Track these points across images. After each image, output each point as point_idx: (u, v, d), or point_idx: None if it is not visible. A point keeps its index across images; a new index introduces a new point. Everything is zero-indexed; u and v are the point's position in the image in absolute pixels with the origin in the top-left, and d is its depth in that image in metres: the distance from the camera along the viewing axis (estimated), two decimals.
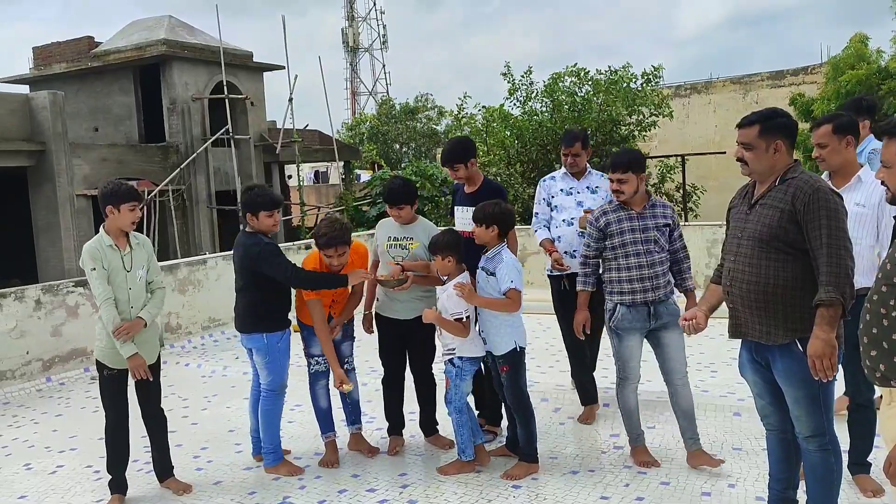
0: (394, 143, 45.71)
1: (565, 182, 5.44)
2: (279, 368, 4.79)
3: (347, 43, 66.70)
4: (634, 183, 4.41)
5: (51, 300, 7.56)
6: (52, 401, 6.92)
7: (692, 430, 4.49)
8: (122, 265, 4.36)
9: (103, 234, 4.38)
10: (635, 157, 4.50)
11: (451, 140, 5.38)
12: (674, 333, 4.44)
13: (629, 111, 16.97)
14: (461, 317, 4.46)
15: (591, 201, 5.32)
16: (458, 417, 4.58)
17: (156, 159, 21.16)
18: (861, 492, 4.00)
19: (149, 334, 4.49)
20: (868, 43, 17.95)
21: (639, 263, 4.42)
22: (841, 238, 3.12)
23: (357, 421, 5.16)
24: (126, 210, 4.34)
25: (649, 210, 4.48)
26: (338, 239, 4.62)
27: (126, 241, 4.43)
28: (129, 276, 4.38)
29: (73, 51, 22.86)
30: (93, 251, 4.30)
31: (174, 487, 4.68)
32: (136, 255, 4.44)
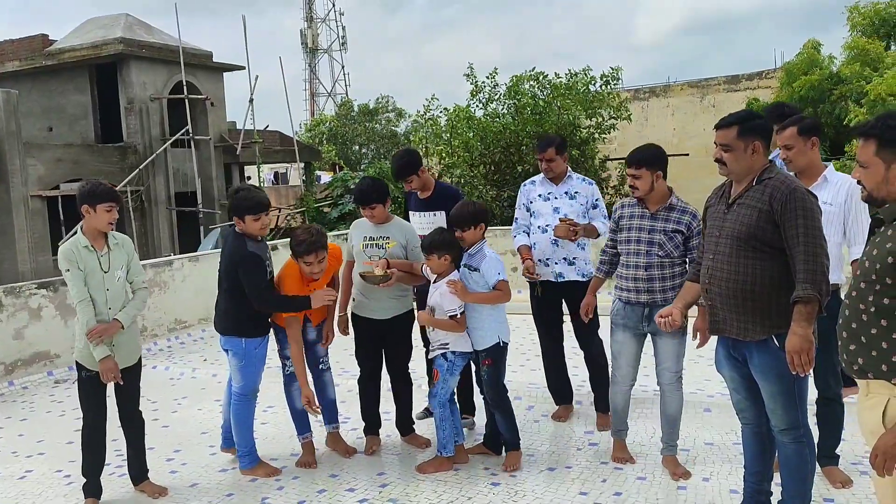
0: (353, 145, 45.56)
1: (544, 187, 5.33)
2: (252, 374, 4.76)
3: (306, 44, 66.31)
4: (648, 179, 4.25)
5: (13, 302, 7.40)
6: (16, 405, 6.77)
7: (670, 435, 4.47)
8: (98, 266, 4.27)
9: (80, 234, 4.29)
10: (651, 153, 4.30)
11: (396, 155, 5.32)
12: (666, 339, 4.34)
13: (588, 114, 17.16)
14: (456, 313, 4.48)
15: (569, 207, 5.21)
16: (442, 412, 4.60)
17: (113, 160, 20.80)
18: (831, 483, 4.13)
19: (127, 336, 4.41)
20: (820, 49, 18.46)
21: (636, 263, 4.37)
22: (816, 237, 3.23)
23: (334, 420, 5.16)
24: (102, 210, 4.25)
25: (663, 213, 4.33)
26: (317, 244, 4.58)
27: (104, 242, 4.34)
28: (107, 277, 4.29)
29: (27, 49, 22.37)
30: (67, 252, 4.23)
31: (149, 491, 4.60)
32: (114, 256, 4.35)
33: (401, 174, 5.14)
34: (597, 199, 5.32)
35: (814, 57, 18.04)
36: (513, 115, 17.08)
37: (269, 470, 4.80)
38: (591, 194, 5.31)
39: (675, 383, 4.42)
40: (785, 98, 18.17)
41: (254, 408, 4.86)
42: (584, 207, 5.25)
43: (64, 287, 7.83)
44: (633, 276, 4.39)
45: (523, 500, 4.24)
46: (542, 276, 5.24)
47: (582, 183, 5.34)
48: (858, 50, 16.98)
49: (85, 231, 4.30)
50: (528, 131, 16.12)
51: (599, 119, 17.58)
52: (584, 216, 5.22)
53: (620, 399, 4.63)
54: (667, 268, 4.33)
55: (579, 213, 5.21)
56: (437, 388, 4.63)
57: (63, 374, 7.67)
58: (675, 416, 4.44)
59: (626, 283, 4.44)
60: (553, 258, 5.21)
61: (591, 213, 5.27)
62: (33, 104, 22.03)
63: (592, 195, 5.31)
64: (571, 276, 5.21)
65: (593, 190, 5.34)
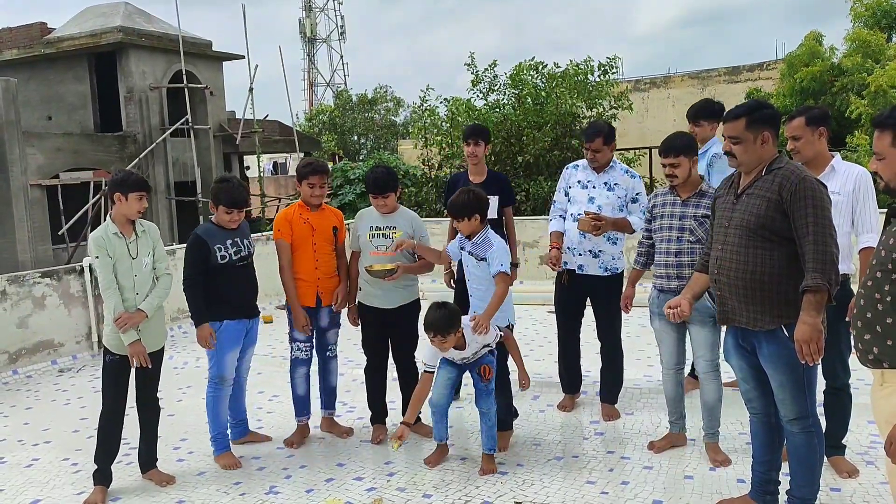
0: (352, 135, 45.43)
1: (585, 174, 5.22)
2: (217, 360, 4.80)
3: (305, 34, 66.03)
4: (686, 166, 4.34)
5: (17, 291, 7.39)
6: (20, 394, 6.77)
7: (709, 423, 4.48)
8: (127, 252, 4.38)
9: (109, 222, 4.41)
10: (686, 141, 4.40)
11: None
12: (698, 328, 4.36)
13: (589, 104, 17.10)
14: (497, 339, 4.49)
15: (605, 199, 5.09)
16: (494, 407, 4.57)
17: (112, 149, 20.74)
18: (837, 473, 4.15)
19: (154, 321, 4.48)
20: (822, 41, 18.39)
21: (667, 250, 4.44)
22: (826, 226, 3.24)
23: (331, 406, 5.28)
24: (134, 199, 4.37)
25: (694, 199, 4.39)
26: (321, 168, 4.94)
27: (132, 229, 4.45)
28: (135, 264, 4.40)
29: (25, 37, 22.25)
30: (98, 239, 4.34)
31: (157, 479, 4.64)
32: (141, 243, 4.45)
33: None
34: (638, 192, 5.15)
35: (815, 48, 17.97)
36: (514, 106, 17.03)
37: (229, 461, 4.81)
38: (632, 188, 5.14)
39: (711, 372, 4.43)
40: (786, 89, 18.14)
41: (223, 396, 4.87)
42: (623, 201, 5.12)
43: (67, 276, 7.84)
44: (665, 263, 4.46)
45: (531, 489, 4.25)
46: (568, 264, 5.21)
47: (624, 175, 5.18)
48: (860, 42, 16.93)
49: (114, 218, 4.41)
50: (530, 121, 16.08)
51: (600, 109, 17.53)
52: (620, 209, 5.10)
53: (669, 385, 4.65)
54: (697, 254, 4.32)
55: (616, 205, 5.09)
56: (492, 384, 4.52)
57: (67, 362, 7.68)
58: (712, 404, 4.45)
59: (659, 269, 4.51)
60: (578, 248, 5.14)
61: (630, 206, 5.14)
62: (32, 93, 21.93)
63: (633, 189, 5.14)
64: (592, 270, 5.14)
65: (635, 183, 5.16)
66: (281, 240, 4.95)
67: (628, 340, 7.28)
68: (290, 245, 4.95)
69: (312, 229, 4.95)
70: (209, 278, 4.69)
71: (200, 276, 4.68)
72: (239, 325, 4.81)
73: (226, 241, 4.74)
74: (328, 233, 4.99)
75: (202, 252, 4.68)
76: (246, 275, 4.84)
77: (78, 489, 4.59)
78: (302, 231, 4.94)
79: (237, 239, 4.80)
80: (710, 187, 4.42)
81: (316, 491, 4.39)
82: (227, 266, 4.73)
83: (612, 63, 17.04)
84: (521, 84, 16.72)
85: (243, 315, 4.83)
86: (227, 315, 4.75)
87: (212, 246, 4.69)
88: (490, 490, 4.25)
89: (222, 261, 4.71)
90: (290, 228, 4.95)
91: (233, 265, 4.75)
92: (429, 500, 4.19)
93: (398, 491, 4.32)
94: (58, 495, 4.53)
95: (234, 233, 4.80)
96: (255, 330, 5.00)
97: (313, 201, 4.97)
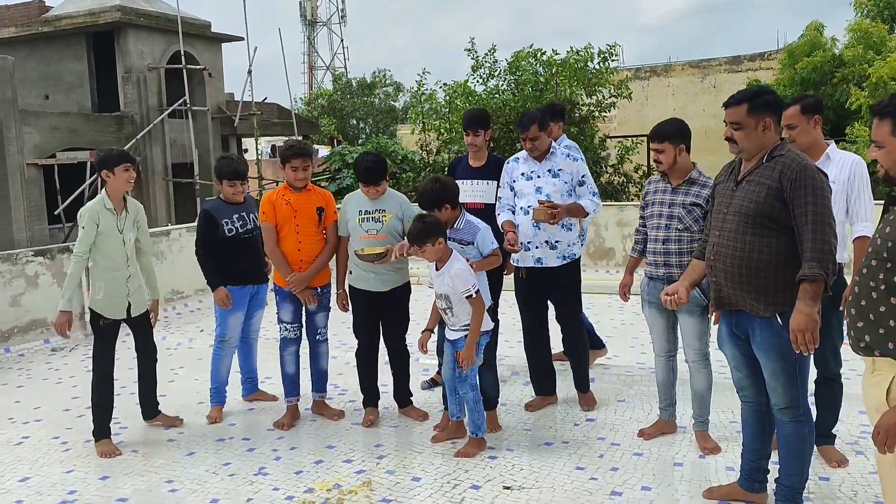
0: (350, 118, 45.27)
1: (527, 165, 5.04)
2: (220, 321, 5.25)
3: (305, 16, 65.69)
4: (671, 153, 4.28)
5: (10, 269, 7.36)
6: (13, 372, 6.76)
7: (699, 411, 4.46)
8: (115, 227, 4.74)
9: (104, 196, 4.75)
10: (673, 127, 4.33)
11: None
12: (686, 317, 4.32)
13: (588, 92, 17.03)
14: (471, 293, 4.32)
15: (552, 186, 4.92)
16: (475, 395, 4.51)
17: (110, 129, 20.63)
18: (827, 462, 4.15)
19: (139, 290, 4.90)
20: (823, 31, 18.30)
21: (655, 237, 4.40)
22: (826, 215, 3.20)
23: (322, 389, 5.30)
24: (121, 172, 4.71)
25: (684, 186, 4.32)
26: (304, 151, 5.00)
27: (123, 206, 4.82)
28: (126, 238, 4.79)
29: (23, 15, 22.07)
30: (91, 210, 4.70)
31: (164, 422, 5.16)
32: (129, 219, 4.84)
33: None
34: (583, 175, 5.01)
35: (816, 39, 17.87)
36: (513, 92, 16.96)
37: (214, 416, 5.28)
38: (577, 171, 4.99)
39: (700, 361, 4.40)
40: (787, 80, 18.07)
41: (223, 356, 5.30)
42: (570, 185, 4.96)
43: (61, 255, 7.81)
44: (653, 250, 4.43)
45: (520, 473, 4.25)
46: (522, 261, 5.05)
47: (566, 159, 5.02)
48: (862, 32, 16.84)
49: (109, 194, 4.76)
50: (529, 108, 16.02)
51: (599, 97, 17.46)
52: (569, 194, 4.94)
53: (660, 372, 4.63)
54: (685, 242, 4.29)
55: (563, 191, 4.92)
56: (469, 371, 4.46)
57: (60, 341, 7.65)
58: (702, 392, 4.43)
59: (649, 257, 4.48)
60: (534, 241, 4.95)
61: (577, 190, 4.99)
62: (29, 71, 21.78)
63: (578, 172, 5.00)
64: (552, 262, 4.97)
65: (578, 166, 5.02)
66: (266, 222, 4.97)
67: (622, 327, 7.32)
68: (274, 227, 4.95)
69: (294, 210, 4.94)
70: (221, 247, 5.14)
71: (212, 248, 5.14)
72: (242, 290, 5.22)
73: (232, 216, 5.17)
74: (311, 213, 4.97)
75: (211, 226, 5.14)
76: (251, 246, 5.22)
77: (67, 467, 4.59)
78: (284, 212, 4.94)
79: (243, 213, 5.21)
80: (702, 175, 4.37)
81: (305, 473, 4.38)
82: (232, 238, 5.15)
83: (612, 51, 16.93)
84: (519, 71, 16.63)
85: (248, 281, 5.25)
86: (230, 282, 5.16)
87: (219, 220, 5.14)
88: (479, 475, 4.24)
89: (229, 234, 5.15)
90: (274, 210, 4.94)
91: (238, 237, 5.17)
92: (417, 483, 4.18)
93: (387, 473, 4.31)
94: (46, 473, 4.52)
95: (239, 207, 5.22)
96: (261, 295, 5.40)
97: (297, 184, 4.97)
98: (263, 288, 5.39)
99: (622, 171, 17.34)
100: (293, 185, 4.98)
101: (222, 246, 5.13)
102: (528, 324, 5.29)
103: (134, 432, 5.09)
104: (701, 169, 4.42)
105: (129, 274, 4.81)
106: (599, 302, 8.29)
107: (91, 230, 4.65)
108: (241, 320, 5.28)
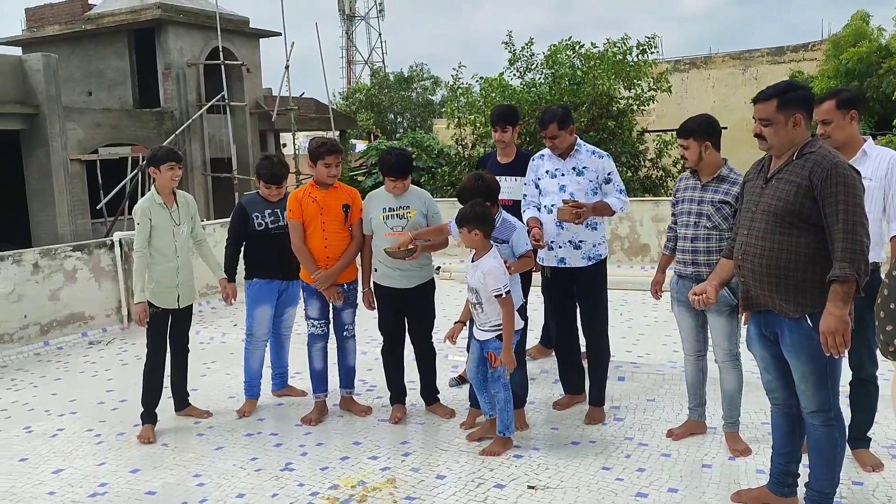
0: (388, 113, 45.40)
1: (552, 163, 4.96)
2: (249, 314, 5.35)
3: (343, 11, 65.99)
4: (696, 150, 4.19)
5: (49, 264, 7.51)
6: (51, 365, 6.90)
7: (729, 412, 4.38)
8: (170, 219, 5.01)
9: (154, 192, 5.01)
10: (699, 123, 4.23)
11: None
12: (715, 316, 4.24)
13: (626, 85, 16.83)
14: (501, 292, 4.29)
15: (576, 185, 4.85)
16: (506, 394, 4.47)
17: (150, 125, 20.97)
18: (861, 466, 4.04)
19: (188, 278, 5.11)
20: (869, 21, 17.85)
21: (684, 235, 4.32)
22: (858, 214, 3.10)
23: (350, 385, 5.31)
24: (165, 170, 4.96)
25: (713, 184, 4.23)
26: (336, 147, 5.01)
27: (173, 200, 5.07)
28: (176, 230, 5.02)
29: (67, 13, 22.54)
30: (143, 206, 4.94)
31: (195, 414, 5.29)
32: (182, 211, 5.10)
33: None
34: (609, 173, 4.90)
35: (862, 29, 17.44)
36: (550, 86, 16.83)
37: (246, 409, 5.38)
38: (602, 168, 4.89)
39: (730, 361, 4.31)
40: (831, 71, 17.67)
41: (254, 349, 5.39)
42: (594, 184, 4.87)
43: (98, 250, 7.96)
44: (682, 248, 4.36)
45: (545, 473, 4.21)
46: (546, 260, 4.99)
47: (592, 157, 4.92)
48: None
49: (158, 189, 5.01)
50: (565, 102, 15.89)
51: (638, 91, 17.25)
52: (594, 193, 4.86)
53: (689, 371, 4.56)
54: (713, 240, 4.21)
55: (588, 189, 4.84)
56: (498, 371, 4.42)
57: (97, 335, 7.81)
58: (732, 393, 4.35)
59: (678, 255, 4.41)
60: (557, 241, 4.88)
61: (603, 188, 4.90)
62: (74, 69, 22.23)
63: (604, 169, 4.89)
64: (575, 262, 4.89)
65: (604, 163, 4.90)
66: (292, 220, 4.95)
67: (655, 325, 7.23)
68: (301, 224, 4.95)
69: (320, 208, 4.93)
70: (247, 242, 5.30)
71: (240, 238, 5.30)
72: (269, 284, 5.31)
73: (264, 211, 5.29)
74: (338, 211, 4.96)
75: (241, 217, 5.29)
76: (279, 241, 5.18)
77: (99, 459, 4.67)
78: (311, 210, 4.93)
79: (276, 209, 5.30)
80: (732, 172, 4.27)
81: (331, 469, 4.40)
82: (262, 233, 5.25)
83: (651, 43, 16.70)
84: (556, 65, 16.49)
85: (277, 277, 5.31)
86: (258, 275, 5.31)
87: (250, 213, 5.27)
88: (504, 473, 4.22)
89: (259, 228, 5.26)
90: (301, 208, 4.94)
91: (268, 232, 5.26)
92: (441, 481, 4.17)
93: (412, 471, 4.31)
94: (79, 465, 4.61)
95: (274, 204, 5.33)
96: (292, 292, 5.45)
97: (328, 181, 4.96)
98: (294, 285, 5.38)
99: (660, 165, 17.13)
100: (324, 181, 4.96)
101: (251, 239, 5.27)
102: (556, 322, 5.24)
103: (165, 425, 5.15)
104: (739, 164, 4.32)
105: (178, 265, 5.02)
106: (633, 299, 8.21)
107: (145, 225, 4.90)
108: (269, 314, 5.36)
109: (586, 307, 5.03)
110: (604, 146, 15.28)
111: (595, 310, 5.01)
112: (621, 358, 6.08)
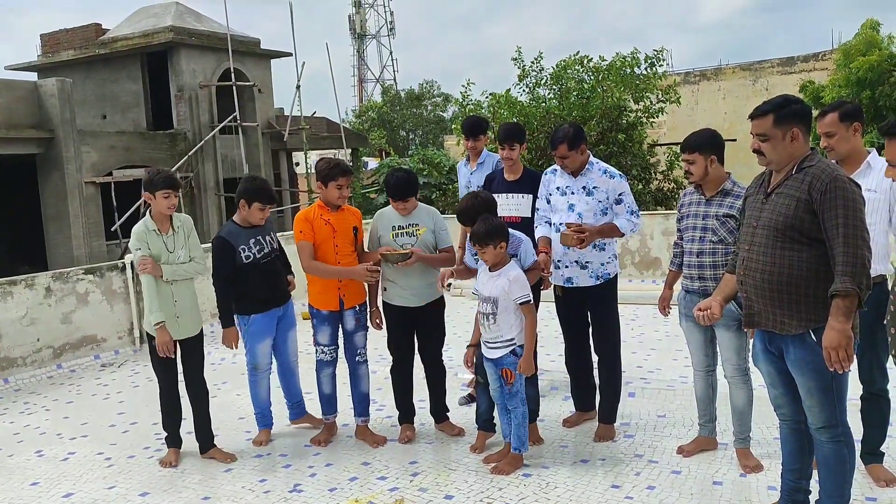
0: (400, 130, 45.63)
1: (563, 179, 4.92)
2: (249, 349, 5.10)
3: (354, 30, 66.51)
4: (702, 165, 4.19)
5: (61, 287, 7.57)
6: (63, 388, 6.94)
7: (740, 428, 4.35)
8: (164, 247, 4.71)
9: (148, 218, 4.74)
10: (704, 138, 4.24)
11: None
12: (723, 331, 4.22)
13: (636, 98, 16.83)
14: (528, 300, 4.32)
15: (585, 205, 4.79)
16: (524, 409, 4.45)
17: (164, 146, 21.15)
18: (874, 481, 3.99)
19: (189, 308, 4.82)
20: (879, 29, 17.77)
21: (689, 250, 4.31)
22: (858, 227, 3.08)
23: (364, 413, 5.18)
24: (161, 197, 4.66)
25: (718, 198, 4.23)
26: (349, 168, 4.93)
27: (169, 225, 4.76)
28: (171, 258, 4.72)
29: (81, 38, 22.82)
30: (139, 233, 4.69)
31: (220, 457, 4.93)
32: (177, 237, 4.78)
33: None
34: (621, 193, 4.82)
35: (872, 37, 17.35)
36: (559, 100, 16.85)
37: (260, 439, 5.20)
38: (613, 189, 4.81)
39: (739, 377, 4.28)
40: (842, 80, 17.57)
41: (259, 381, 5.18)
42: (604, 204, 4.80)
43: (110, 273, 8.01)
44: (688, 263, 4.35)
45: (554, 491, 4.18)
46: (555, 279, 4.97)
47: (603, 176, 4.82)
48: None
49: (153, 215, 4.74)
50: (574, 116, 15.88)
51: (647, 103, 17.24)
52: (603, 213, 4.80)
53: (699, 387, 4.53)
54: (720, 255, 4.20)
55: (597, 210, 4.79)
56: (515, 386, 4.42)
57: (109, 357, 7.85)
58: (741, 408, 4.31)
59: (685, 270, 4.40)
60: (564, 261, 4.87)
61: (615, 209, 4.83)
62: (88, 92, 22.48)
63: (615, 190, 4.81)
64: (584, 282, 4.86)
65: (615, 184, 4.81)
66: (304, 241, 4.85)
67: (666, 339, 7.18)
68: (312, 245, 4.86)
69: (333, 230, 4.89)
70: (241, 274, 4.93)
71: (230, 278, 4.92)
72: (267, 316, 5.06)
73: (248, 241, 4.97)
74: (349, 233, 4.95)
75: (227, 253, 4.91)
76: (271, 270, 5.05)
77: (109, 483, 4.69)
78: (323, 232, 4.88)
79: (259, 237, 5.01)
80: (737, 185, 4.26)
81: (339, 490, 4.39)
82: (250, 265, 4.95)
83: (660, 55, 16.72)
84: (563, 80, 16.51)
85: (274, 306, 5.09)
86: (254, 310, 5.01)
87: (236, 247, 4.93)
88: (513, 493, 4.19)
89: (247, 260, 4.95)
90: (312, 229, 4.89)
91: (257, 263, 4.98)
92: (449, 501, 4.15)
93: (420, 491, 4.29)
94: (89, 489, 4.62)
95: (255, 231, 5.01)
96: (289, 314, 5.24)
97: (339, 202, 4.92)
98: (289, 306, 5.23)
99: (672, 177, 17.09)
100: (334, 203, 4.90)
101: (240, 273, 4.93)
102: (567, 340, 5.22)
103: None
104: (749, 176, 4.29)
105: (174, 294, 4.72)
106: (644, 313, 8.17)
107: (144, 251, 4.66)
108: (270, 345, 5.15)
109: (597, 326, 5.00)
110: (614, 159, 15.25)
111: (606, 328, 4.97)
112: (632, 373, 6.05)
